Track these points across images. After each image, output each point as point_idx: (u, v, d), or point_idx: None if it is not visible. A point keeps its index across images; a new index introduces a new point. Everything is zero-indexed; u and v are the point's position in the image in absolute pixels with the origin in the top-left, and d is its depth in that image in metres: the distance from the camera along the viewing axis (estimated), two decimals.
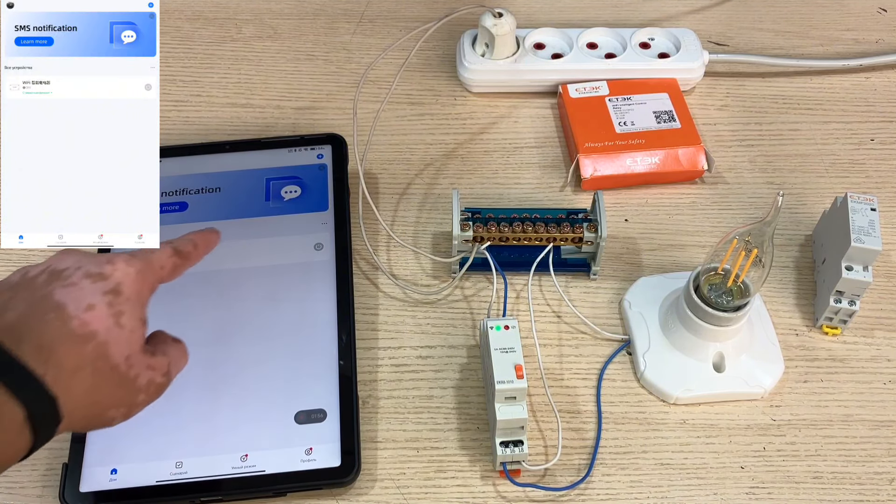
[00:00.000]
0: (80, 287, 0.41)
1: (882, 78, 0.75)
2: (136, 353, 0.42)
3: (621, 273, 0.61)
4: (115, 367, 0.41)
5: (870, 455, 0.53)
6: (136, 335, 0.42)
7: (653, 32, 0.73)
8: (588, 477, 0.52)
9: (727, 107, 0.72)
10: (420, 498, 0.51)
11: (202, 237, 0.48)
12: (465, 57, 0.71)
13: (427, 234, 0.64)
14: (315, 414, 0.53)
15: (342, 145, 0.65)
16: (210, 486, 0.50)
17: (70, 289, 0.41)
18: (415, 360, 0.57)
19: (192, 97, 0.72)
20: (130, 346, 0.41)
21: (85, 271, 0.41)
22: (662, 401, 0.55)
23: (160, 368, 0.43)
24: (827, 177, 0.68)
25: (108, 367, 0.40)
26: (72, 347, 0.39)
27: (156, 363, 0.43)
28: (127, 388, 0.42)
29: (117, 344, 0.41)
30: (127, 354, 0.41)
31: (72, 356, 0.39)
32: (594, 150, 0.65)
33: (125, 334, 0.41)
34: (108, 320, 0.41)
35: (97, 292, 0.41)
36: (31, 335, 0.39)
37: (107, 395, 0.41)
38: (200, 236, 0.48)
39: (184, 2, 0.79)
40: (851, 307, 0.56)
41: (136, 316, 0.42)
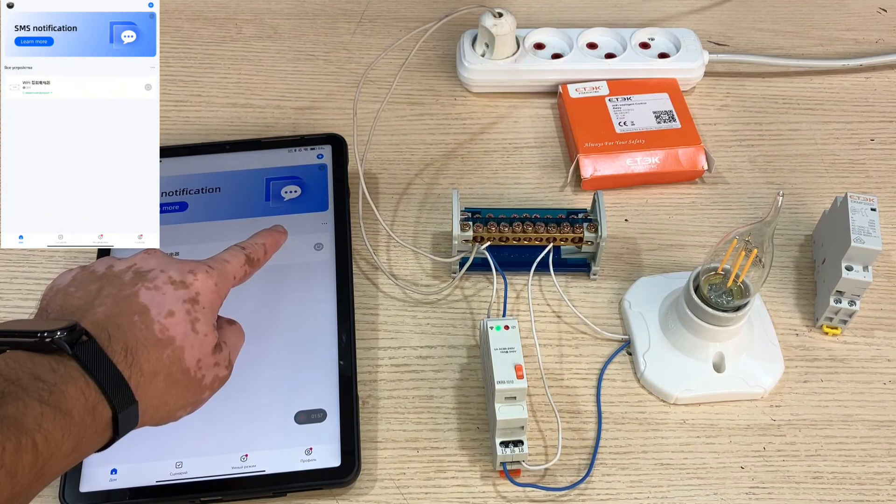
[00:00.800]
0: (164, 292, 0.42)
1: (882, 78, 0.75)
2: (207, 355, 0.43)
3: (621, 273, 0.61)
4: (187, 371, 0.42)
5: (870, 455, 0.53)
6: (208, 340, 0.43)
7: (653, 32, 0.73)
8: (588, 477, 0.52)
9: (727, 107, 0.72)
10: (420, 498, 0.51)
11: (272, 240, 0.50)
12: (465, 57, 0.71)
13: (427, 234, 0.64)
14: (315, 414, 0.53)
15: (342, 145, 0.65)
16: (210, 486, 0.50)
17: (154, 293, 0.42)
18: (415, 360, 0.57)
19: (192, 97, 0.72)
20: (202, 350, 0.43)
21: (168, 277, 0.43)
22: (662, 401, 0.55)
23: (223, 362, 0.45)
24: (827, 177, 0.68)
25: (180, 372, 0.42)
26: (152, 351, 0.41)
27: (220, 359, 0.45)
28: (195, 389, 0.43)
29: (191, 349, 0.42)
30: (198, 358, 0.43)
31: (151, 360, 0.41)
32: (594, 150, 0.65)
33: (199, 340, 0.43)
34: (185, 326, 0.42)
35: (178, 300, 0.42)
36: (119, 335, 0.40)
37: (177, 397, 0.43)
38: (270, 240, 0.50)
39: (184, 2, 0.79)
40: (851, 307, 0.56)
41: (210, 322, 0.44)
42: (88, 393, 0.38)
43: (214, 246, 0.49)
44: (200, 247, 0.54)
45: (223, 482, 0.50)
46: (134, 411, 0.40)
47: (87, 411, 0.37)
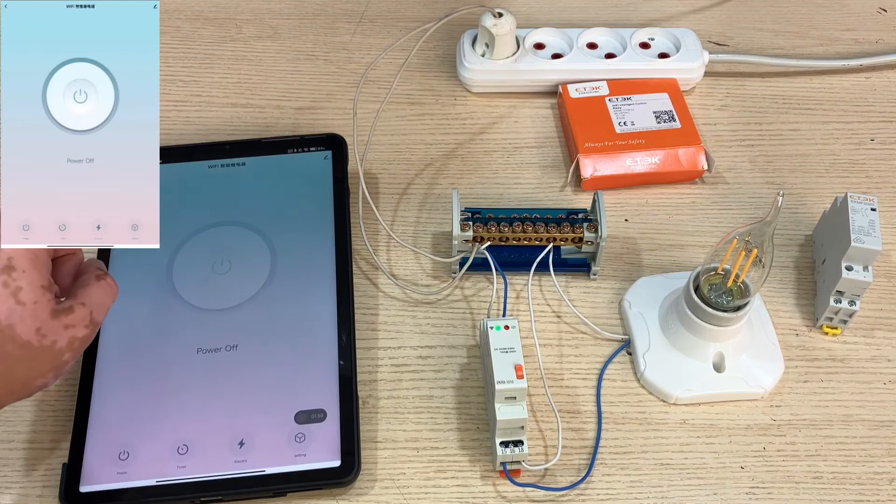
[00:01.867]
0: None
1: (882, 78, 0.75)
2: (47, 320, 0.41)
3: (621, 273, 0.61)
4: (27, 344, 0.41)
5: (870, 455, 0.53)
6: (41, 304, 0.41)
7: (653, 32, 0.73)
8: (588, 477, 0.52)
9: (727, 107, 0.72)
10: (420, 498, 0.51)
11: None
12: (465, 57, 0.71)
13: (427, 234, 0.64)
14: (315, 414, 0.53)
15: (342, 145, 0.65)
16: (210, 486, 0.50)
17: None
18: (415, 360, 0.57)
19: (192, 97, 0.72)
20: (37, 317, 0.41)
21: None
22: (662, 401, 0.55)
23: (81, 322, 0.43)
24: (827, 177, 0.68)
25: (18, 347, 0.40)
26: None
27: (74, 319, 0.43)
28: (46, 356, 0.42)
29: (22, 322, 0.40)
30: (37, 327, 0.41)
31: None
32: (594, 150, 0.65)
33: (28, 310, 0.41)
34: (7, 301, 0.40)
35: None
36: None
37: (27, 370, 0.41)
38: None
39: (184, 2, 0.79)
40: (851, 307, 0.56)
41: (37, 285, 0.42)
42: None
43: None
44: None
45: (223, 482, 0.50)
46: None
47: None
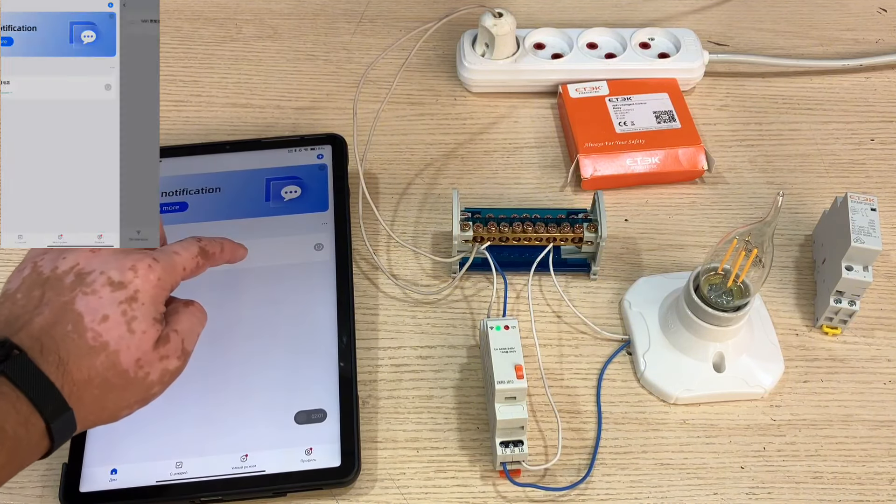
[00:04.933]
0: (100, 296, 0.42)
1: (882, 78, 0.75)
2: (147, 352, 0.43)
3: (621, 273, 0.61)
4: (125, 374, 0.42)
5: (870, 455, 0.53)
6: (148, 336, 0.43)
7: (653, 32, 0.73)
8: (588, 477, 0.52)
9: (727, 107, 0.72)
10: (420, 498, 0.51)
11: (231, 244, 0.50)
12: (465, 57, 0.71)
13: (427, 234, 0.64)
14: (315, 414, 0.53)
15: (342, 145, 0.65)
16: (210, 486, 0.50)
17: (90, 298, 0.42)
18: (415, 360, 0.57)
19: (192, 97, 0.72)
20: (141, 348, 0.42)
21: (107, 278, 0.42)
22: (662, 401, 0.55)
23: (174, 353, 0.44)
24: (827, 177, 0.68)
25: (117, 375, 0.42)
26: (84, 360, 0.41)
27: (168, 350, 0.44)
28: (138, 388, 0.43)
29: (127, 351, 0.42)
30: (137, 357, 0.42)
31: (83, 369, 0.40)
32: (594, 150, 0.65)
33: (136, 339, 0.42)
34: (120, 329, 0.42)
35: (114, 302, 0.42)
36: (52, 345, 0.40)
37: (118, 399, 0.42)
38: (230, 243, 0.50)
39: (184, 2, 0.79)
40: (851, 307, 0.56)
41: (150, 317, 0.43)
42: (20, 406, 0.38)
43: None
44: None
45: (223, 482, 0.50)
46: (69, 419, 0.40)
47: (19, 424, 0.38)
